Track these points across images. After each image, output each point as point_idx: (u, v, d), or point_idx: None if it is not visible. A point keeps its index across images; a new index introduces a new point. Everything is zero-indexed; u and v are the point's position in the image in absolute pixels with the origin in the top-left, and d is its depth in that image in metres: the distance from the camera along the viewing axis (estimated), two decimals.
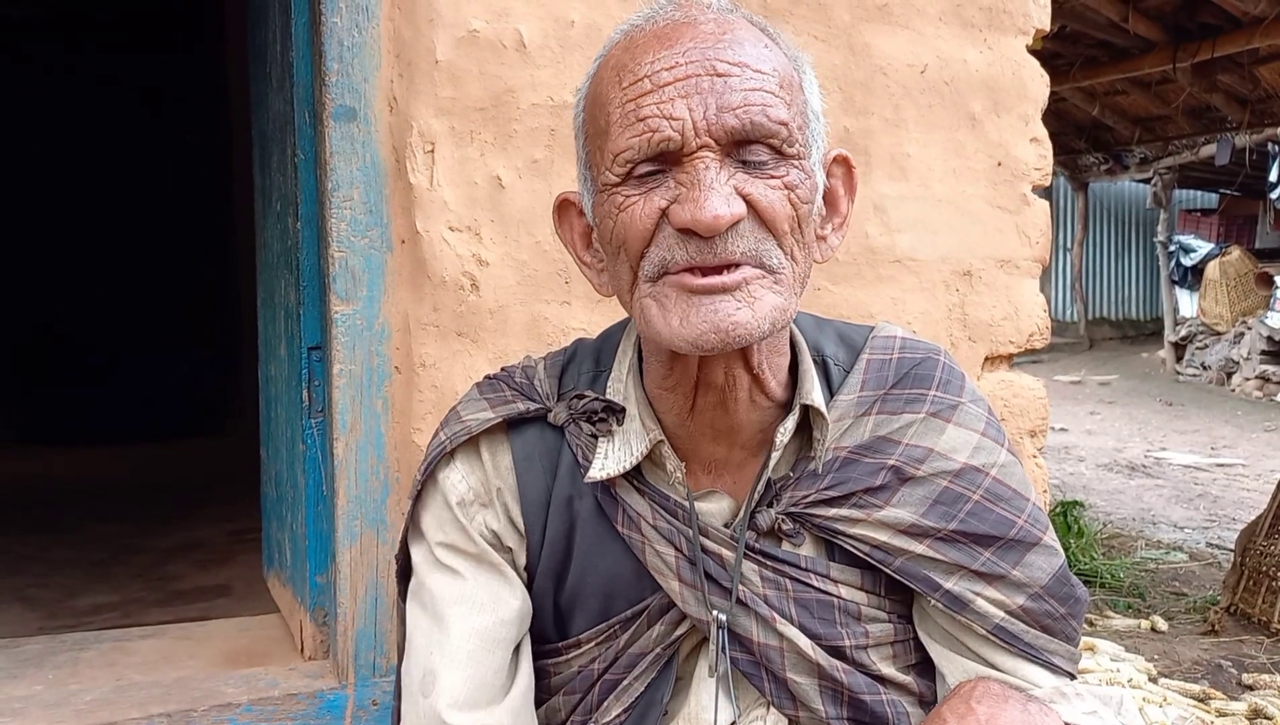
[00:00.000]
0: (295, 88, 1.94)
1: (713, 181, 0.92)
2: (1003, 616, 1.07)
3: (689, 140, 0.92)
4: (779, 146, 0.95)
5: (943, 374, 1.14)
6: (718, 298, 0.93)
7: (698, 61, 0.93)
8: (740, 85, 0.93)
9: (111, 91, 6.59)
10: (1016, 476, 1.12)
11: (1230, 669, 3.25)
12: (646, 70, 0.94)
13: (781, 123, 0.94)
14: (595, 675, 1.12)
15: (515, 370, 1.19)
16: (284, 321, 2.18)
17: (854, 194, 1.09)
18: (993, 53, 2.23)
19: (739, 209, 0.93)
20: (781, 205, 0.95)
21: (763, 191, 0.94)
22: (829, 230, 1.07)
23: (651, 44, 0.96)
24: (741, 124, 0.92)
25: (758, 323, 0.94)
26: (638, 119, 0.94)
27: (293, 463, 2.13)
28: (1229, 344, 12.47)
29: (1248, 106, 8.83)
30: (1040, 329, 2.30)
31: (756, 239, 0.94)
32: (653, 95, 0.93)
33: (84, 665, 2.02)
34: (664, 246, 0.95)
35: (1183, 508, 6.20)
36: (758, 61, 0.95)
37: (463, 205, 1.84)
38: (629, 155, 0.94)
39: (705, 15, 0.98)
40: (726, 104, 0.92)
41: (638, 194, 0.96)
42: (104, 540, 3.97)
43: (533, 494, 1.12)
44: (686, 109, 0.92)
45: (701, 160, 0.93)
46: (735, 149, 0.94)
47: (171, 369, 6.74)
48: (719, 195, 0.91)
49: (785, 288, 0.97)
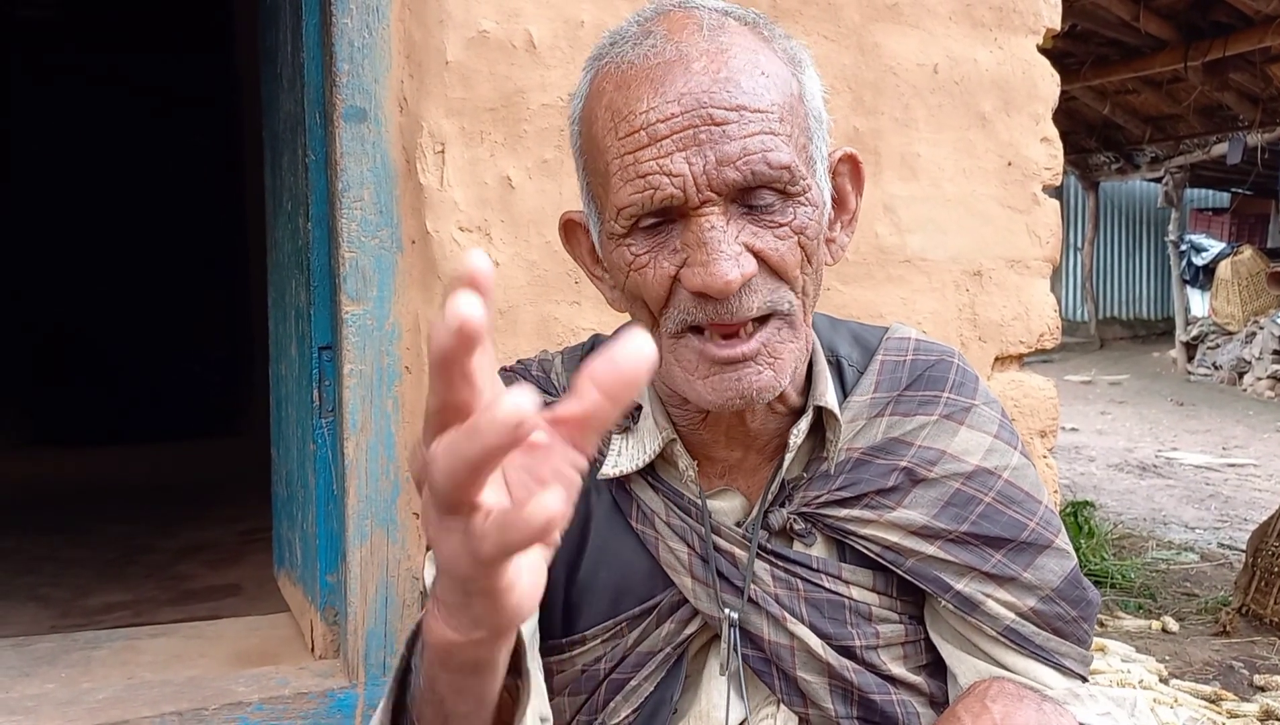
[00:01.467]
0: (306, 88, 1.94)
1: (720, 243, 0.90)
2: (1013, 618, 1.07)
3: (691, 196, 0.91)
4: (783, 188, 0.93)
5: (956, 376, 1.14)
6: (740, 367, 0.94)
7: (693, 111, 0.90)
8: (739, 132, 0.90)
9: (123, 93, 6.61)
10: (1029, 479, 1.11)
11: (1242, 670, 3.24)
12: (642, 121, 0.92)
13: (784, 167, 0.92)
14: (601, 675, 1.11)
15: (532, 363, 1.20)
16: (295, 321, 2.18)
17: (862, 190, 1.08)
18: (1003, 52, 2.22)
19: (750, 267, 0.92)
20: (792, 253, 0.94)
21: (773, 246, 0.93)
22: (838, 229, 1.06)
23: (644, 86, 0.92)
24: (743, 175, 0.91)
25: (780, 380, 0.96)
26: (638, 175, 0.92)
27: (303, 462, 2.13)
28: (1241, 344, 12.40)
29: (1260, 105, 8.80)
30: (1051, 329, 2.30)
31: (770, 290, 0.94)
32: (650, 149, 0.91)
33: (96, 664, 2.03)
34: (681, 308, 0.95)
35: (1194, 508, 6.18)
36: (755, 99, 0.92)
37: (473, 205, 1.84)
38: (632, 211, 0.93)
39: (696, 46, 0.93)
40: (725, 156, 0.90)
41: (646, 253, 0.95)
42: (116, 540, 3.99)
43: None
44: (686, 163, 0.90)
45: (706, 218, 0.91)
46: (741, 196, 0.92)
47: (183, 370, 6.76)
48: (728, 258, 0.90)
49: (798, 330, 0.98)
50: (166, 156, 6.70)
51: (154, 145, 6.68)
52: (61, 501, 4.79)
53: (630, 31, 0.98)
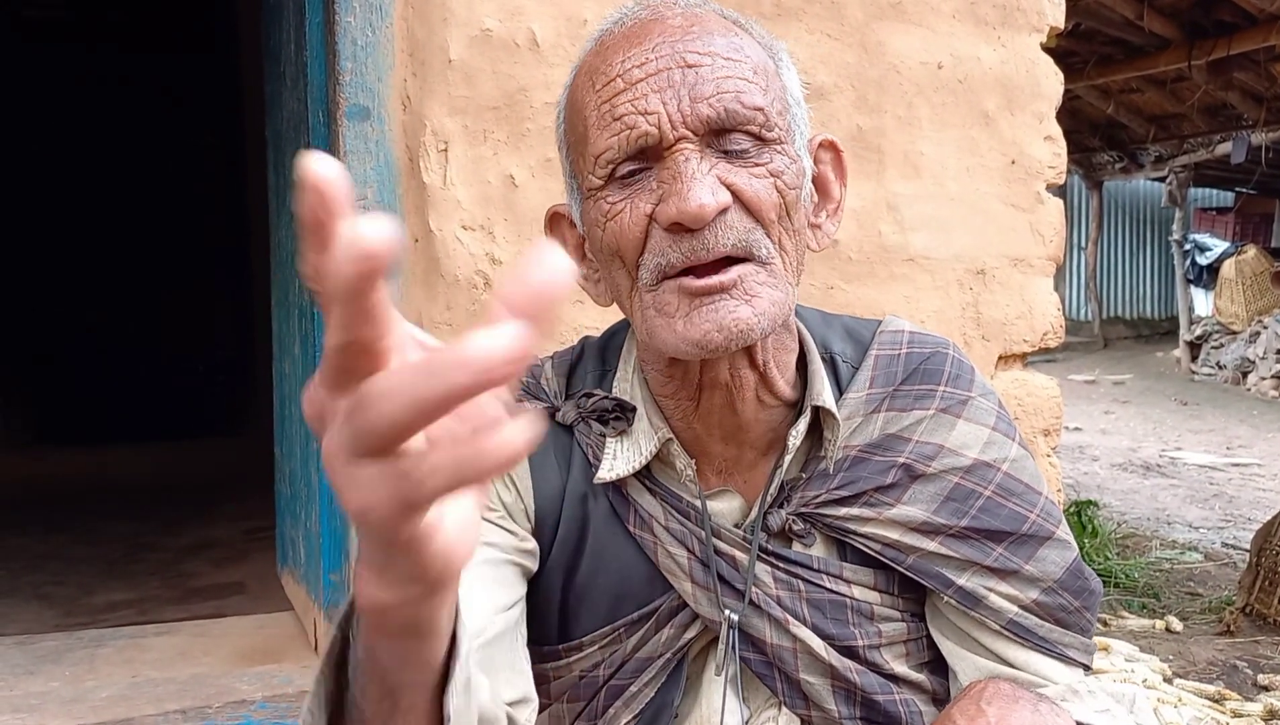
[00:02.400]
0: (309, 87, 1.95)
1: (694, 172, 0.91)
2: (1016, 611, 1.06)
3: (666, 133, 0.92)
4: (758, 132, 0.94)
5: (952, 368, 1.13)
6: (717, 298, 0.93)
7: (668, 55, 0.93)
8: (712, 74, 0.93)
9: (128, 92, 6.63)
10: (1028, 471, 1.11)
11: (1245, 669, 3.23)
12: (618, 70, 0.94)
13: (757, 108, 0.93)
14: (600, 681, 1.11)
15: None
16: (298, 320, 2.19)
17: (845, 179, 1.08)
18: (1007, 50, 2.22)
19: (724, 197, 0.92)
20: (768, 193, 0.94)
21: (747, 181, 0.94)
22: (823, 217, 1.06)
23: (621, 44, 0.96)
24: (716, 112, 0.92)
25: (758, 318, 0.94)
26: (614, 118, 0.93)
27: (306, 461, 2.13)
28: (1245, 343, 12.38)
29: (1264, 104, 8.79)
30: (1054, 328, 2.29)
31: (745, 229, 0.94)
32: (626, 93, 0.93)
33: (101, 662, 2.04)
34: (657, 251, 0.94)
35: (1198, 508, 6.17)
36: (728, 50, 0.95)
37: (476, 204, 1.84)
38: (609, 155, 0.94)
39: (673, 11, 0.98)
40: (700, 94, 0.92)
41: (622, 199, 0.95)
42: (121, 538, 4.00)
43: (547, 489, 1.11)
44: (660, 102, 0.92)
45: (681, 152, 0.92)
46: (715, 139, 0.93)
47: (187, 369, 6.77)
48: (702, 184, 0.91)
49: (779, 280, 0.96)
50: (170, 156, 6.72)
51: (157, 145, 6.70)
52: (66, 500, 4.81)
53: (612, 17, 1.02)
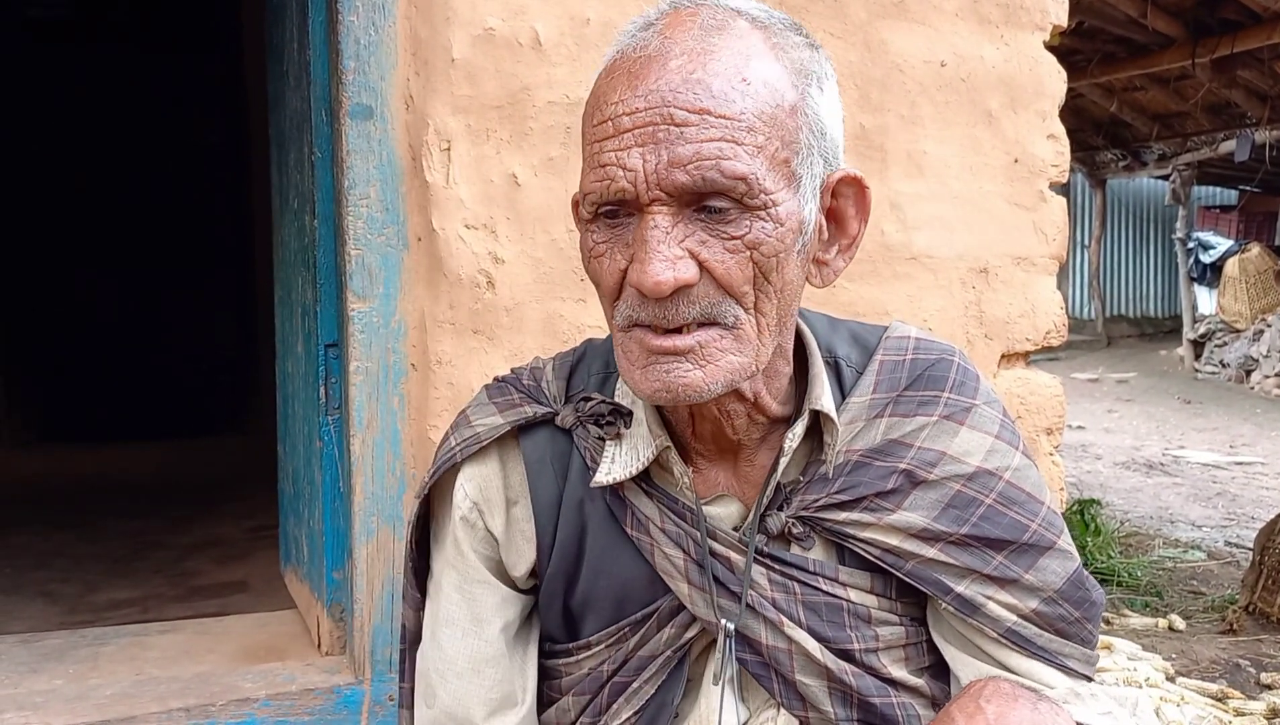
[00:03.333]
0: (312, 86, 1.95)
1: (659, 243, 0.89)
2: (1015, 620, 1.05)
3: (641, 192, 0.90)
4: (739, 199, 0.90)
5: (957, 375, 1.12)
6: (671, 360, 0.93)
7: (656, 108, 0.90)
8: (696, 136, 0.89)
9: (131, 91, 6.63)
10: (1031, 480, 1.10)
11: (1248, 668, 3.23)
12: (610, 112, 0.92)
13: (739, 177, 0.89)
14: (605, 677, 1.12)
15: (524, 372, 1.19)
16: (301, 319, 2.19)
17: (866, 216, 1.04)
18: (1010, 49, 2.22)
19: (686, 273, 0.90)
20: (740, 268, 0.92)
21: (719, 257, 0.91)
22: (833, 253, 1.03)
23: (622, 79, 0.93)
24: (692, 180, 0.89)
25: (709, 385, 0.93)
26: (599, 164, 0.92)
27: (310, 459, 2.14)
28: (1248, 342, 12.37)
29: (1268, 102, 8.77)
30: (1057, 327, 2.29)
31: (711, 302, 0.92)
32: (613, 140, 0.91)
33: (104, 660, 2.04)
34: (628, 303, 0.94)
35: (1201, 506, 6.16)
36: (723, 105, 0.90)
37: (479, 203, 1.84)
38: (593, 198, 0.94)
39: (684, 42, 0.92)
40: (678, 158, 0.89)
41: (605, 242, 0.95)
42: (125, 537, 4.01)
43: (545, 497, 1.12)
44: (640, 159, 0.89)
45: (652, 217, 0.90)
46: (694, 199, 0.91)
47: (192, 367, 6.78)
48: (663, 260, 0.89)
49: (744, 344, 0.95)
50: (174, 155, 6.73)
51: (161, 143, 6.71)
52: (71, 498, 4.82)
53: (638, 21, 0.98)
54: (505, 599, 1.14)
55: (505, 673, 1.13)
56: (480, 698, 1.11)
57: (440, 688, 1.12)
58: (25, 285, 6.57)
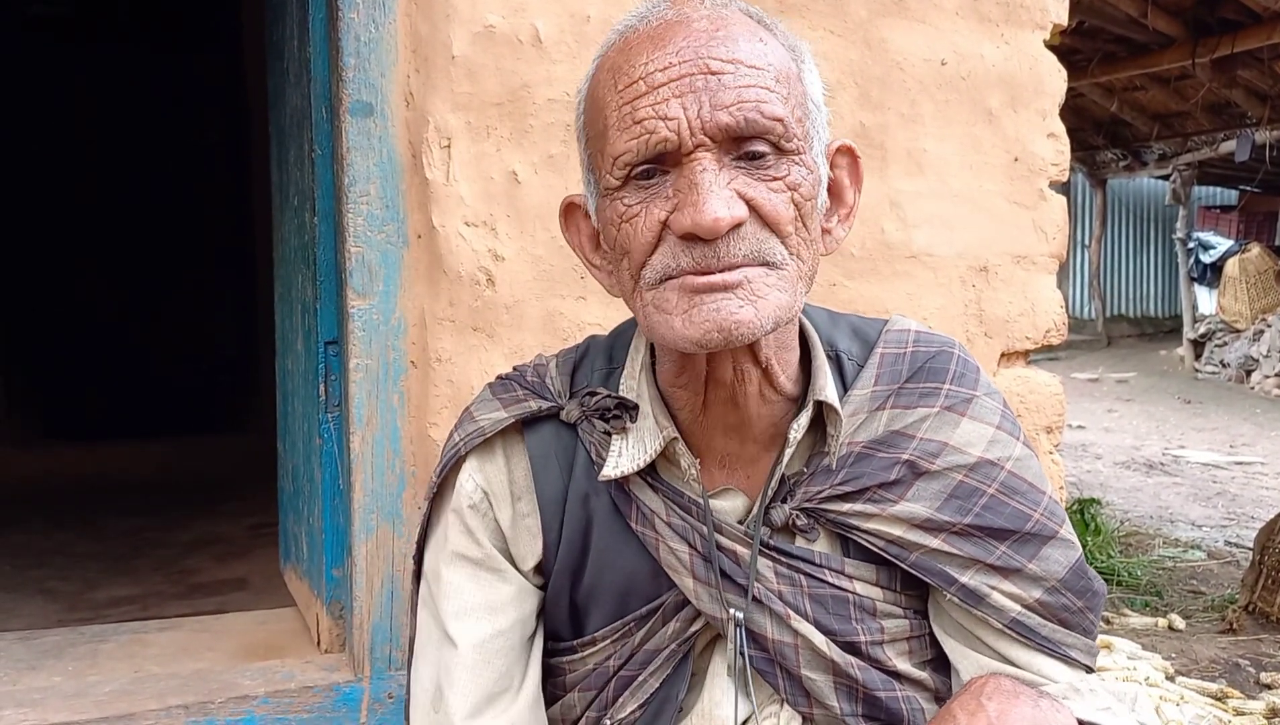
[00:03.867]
0: (312, 83, 1.95)
1: (711, 184, 0.91)
2: (1019, 610, 1.06)
3: (685, 140, 0.92)
4: (777, 142, 0.94)
5: (957, 367, 1.14)
6: (720, 296, 0.93)
7: (690, 61, 0.93)
8: (734, 82, 0.92)
9: (131, 89, 6.63)
10: (1032, 469, 1.11)
11: (1248, 668, 3.23)
12: (640, 72, 0.94)
13: (777, 119, 0.93)
14: (611, 672, 1.12)
15: (527, 369, 1.19)
16: (301, 316, 2.19)
17: (860, 185, 1.08)
18: (1010, 48, 2.22)
19: (740, 212, 0.92)
20: (785, 207, 0.95)
21: (765, 195, 0.94)
22: (834, 222, 1.06)
23: (645, 45, 0.95)
24: (736, 121, 0.92)
25: (760, 321, 0.94)
26: (634, 121, 0.93)
27: (309, 457, 2.14)
28: (1248, 342, 12.37)
29: (1268, 102, 8.78)
30: (1057, 326, 2.29)
31: (759, 240, 0.94)
32: (648, 96, 0.93)
33: (103, 657, 2.04)
34: (668, 255, 0.95)
35: (1201, 506, 6.17)
36: (752, 57, 0.94)
37: (479, 200, 1.84)
38: (628, 158, 0.94)
39: (698, 12, 0.97)
40: (720, 101, 0.92)
41: (638, 203, 0.96)
42: (125, 534, 4.01)
43: (549, 492, 1.12)
44: (681, 108, 0.92)
45: (699, 161, 0.92)
46: (734, 146, 0.93)
47: (192, 365, 6.78)
48: (719, 198, 0.91)
49: (789, 284, 0.96)
50: (174, 151, 6.72)
51: (161, 141, 6.71)
52: (71, 496, 4.82)
53: (637, 12, 1.01)
54: (519, 589, 1.14)
55: (512, 665, 1.13)
56: (484, 689, 1.10)
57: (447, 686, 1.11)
58: (25, 283, 6.56)
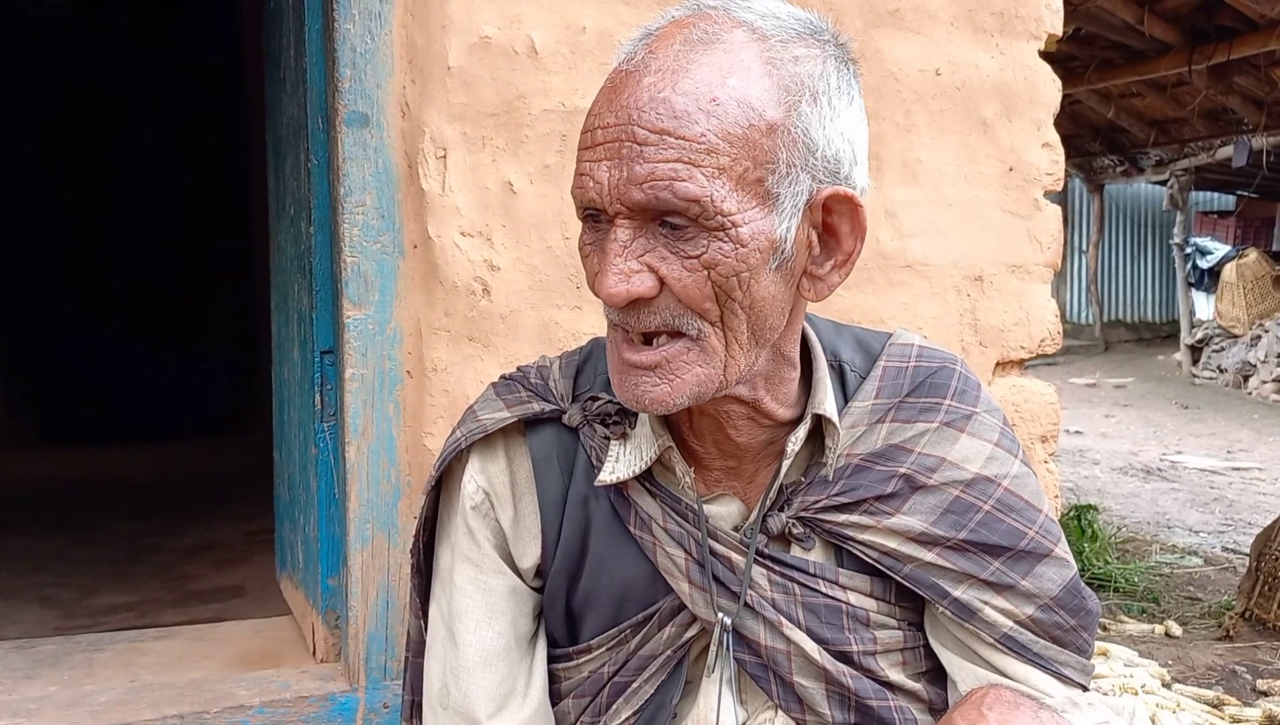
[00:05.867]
0: (309, 93, 1.95)
1: (614, 257, 0.92)
2: (1011, 625, 1.07)
3: (606, 204, 0.93)
4: (694, 219, 0.91)
5: (958, 383, 1.14)
6: (640, 374, 0.97)
7: (623, 125, 0.91)
8: (654, 156, 0.90)
9: (131, 91, 6.63)
10: (1029, 488, 1.11)
11: (1245, 675, 3.23)
12: (590, 124, 0.95)
13: (691, 199, 0.89)
14: (605, 678, 1.13)
15: (530, 370, 1.20)
16: (297, 325, 2.19)
17: (862, 233, 1.01)
18: (1005, 58, 2.22)
19: (639, 287, 0.92)
20: (697, 287, 0.93)
21: (677, 274, 0.93)
22: (827, 268, 1.01)
23: (606, 93, 0.95)
24: (646, 198, 0.90)
25: (675, 398, 0.96)
26: (580, 172, 0.96)
27: (305, 466, 2.14)
28: (1246, 347, 12.38)
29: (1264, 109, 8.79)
30: (1052, 335, 2.30)
31: (673, 314, 0.95)
32: (589, 152, 0.95)
33: (99, 666, 2.04)
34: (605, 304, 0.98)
35: (1198, 512, 6.17)
36: (686, 125, 0.90)
37: (474, 210, 1.85)
38: (577, 202, 0.98)
39: (663, 58, 0.93)
40: (634, 176, 0.90)
41: (590, 245, 0.99)
42: (124, 539, 4.01)
43: (550, 493, 1.13)
44: (606, 173, 0.92)
45: (615, 230, 0.93)
46: (656, 215, 0.92)
47: (191, 367, 6.78)
48: (617, 272, 0.92)
49: (713, 355, 0.96)
50: (175, 153, 6.73)
51: (162, 143, 6.71)
52: (71, 500, 4.81)
53: (640, 30, 0.99)
54: (516, 590, 1.15)
55: (514, 667, 1.14)
56: (489, 692, 1.12)
57: (454, 686, 1.13)
58: (24, 286, 6.56)
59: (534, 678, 1.15)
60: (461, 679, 1.12)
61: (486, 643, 1.12)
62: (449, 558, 1.17)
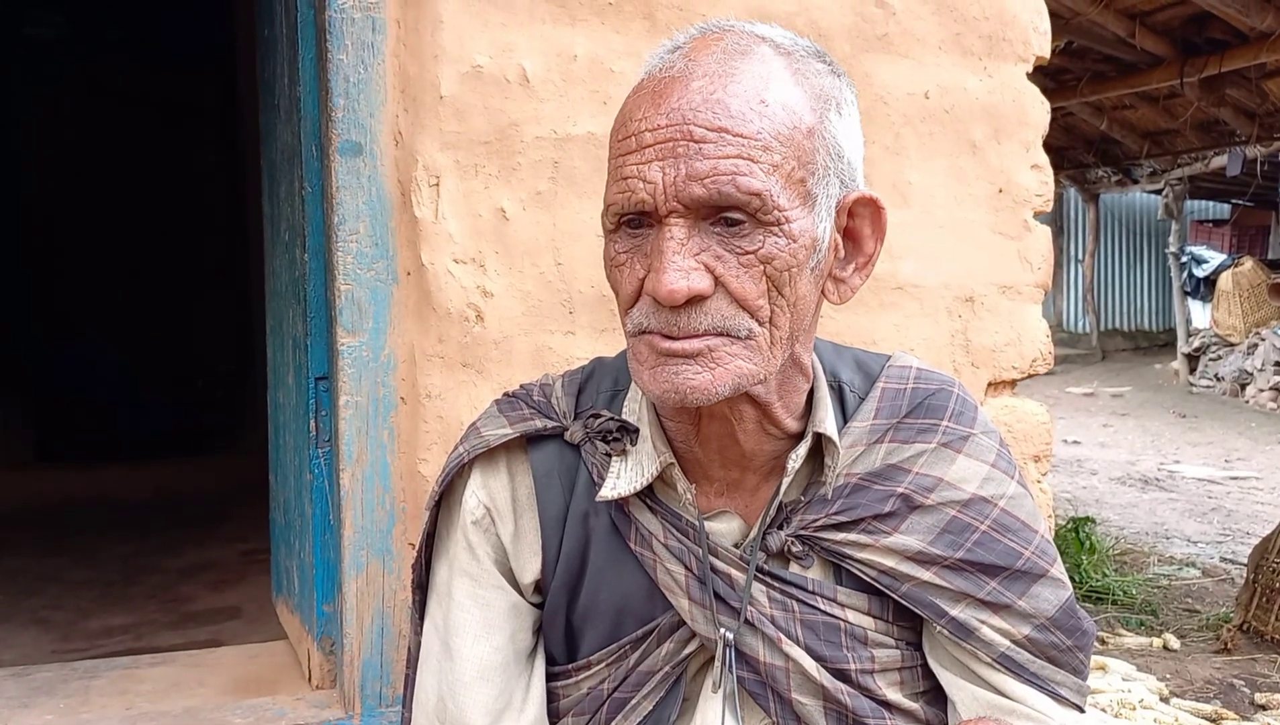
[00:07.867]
0: (302, 121, 1.96)
1: (673, 254, 0.93)
2: (1008, 645, 1.08)
3: (660, 204, 0.94)
4: (754, 214, 0.94)
5: (956, 405, 1.16)
6: (681, 362, 0.96)
7: (677, 125, 0.93)
8: (715, 152, 0.92)
9: (130, 110, 6.65)
10: (1025, 508, 1.13)
11: (1243, 688, 3.23)
12: (634, 128, 0.96)
13: (754, 193, 0.93)
14: (605, 694, 1.14)
15: (534, 388, 1.22)
16: (292, 351, 2.20)
17: (882, 235, 1.07)
18: (993, 80, 2.24)
19: (699, 285, 0.94)
20: (754, 283, 0.95)
21: (734, 271, 0.95)
22: (850, 270, 1.06)
23: (647, 99, 0.97)
24: (709, 193, 0.92)
25: (716, 388, 0.96)
26: (622, 176, 0.96)
27: (300, 491, 2.14)
28: (1242, 355, 12.40)
29: (1256, 120, 8.82)
30: (1043, 355, 2.31)
31: (724, 315, 0.96)
32: (635, 155, 0.95)
33: (95, 694, 2.04)
34: (643, 311, 0.98)
35: (1196, 522, 6.17)
36: (742, 123, 0.94)
37: (467, 237, 1.86)
38: (615, 208, 0.98)
39: (706, 64, 0.96)
40: (695, 172, 0.92)
41: (626, 252, 0.99)
42: (119, 560, 4.01)
43: (551, 509, 1.14)
44: (660, 173, 0.93)
45: (669, 228, 0.94)
46: (711, 212, 0.94)
47: (187, 386, 6.78)
48: (678, 270, 0.93)
49: (756, 352, 0.98)
50: (172, 171, 6.74)
51: (159, 160, 6.72)
52: (66, 520, 4.81)
53: (666, 45, 1.03)
54: (515, 606, 1.16)
55: (511, 682, 1.14)
56: (484, 706, 1.13)
57: (449, 699, 1.14)
58: (18, 304, 6.56)
59: (531, 692, 1.16)
60: (458, 693, 1.13)
61: (483, 657, 1.13)
62: (446, 573, 1.18)
